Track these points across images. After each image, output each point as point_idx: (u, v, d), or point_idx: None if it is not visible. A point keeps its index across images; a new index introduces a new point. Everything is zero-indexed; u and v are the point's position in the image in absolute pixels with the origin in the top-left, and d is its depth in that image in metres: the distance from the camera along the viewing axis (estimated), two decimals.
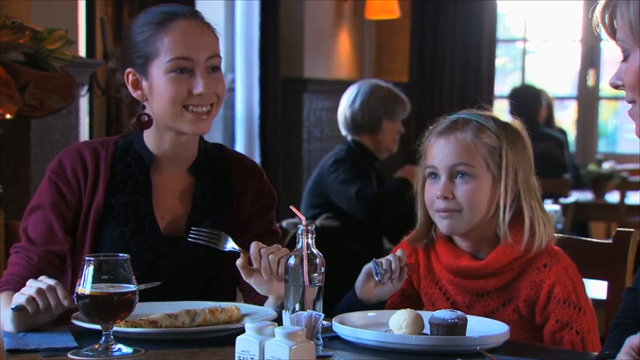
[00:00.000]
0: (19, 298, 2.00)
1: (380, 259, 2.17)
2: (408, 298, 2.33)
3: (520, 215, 2.24)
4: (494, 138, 2.23)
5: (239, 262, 2.15)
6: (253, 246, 2.12)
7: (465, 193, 2.21)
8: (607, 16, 1.75)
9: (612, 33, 1.75)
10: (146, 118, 2.27)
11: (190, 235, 2.21)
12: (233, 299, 2.36)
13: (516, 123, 2.30)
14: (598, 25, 1.77)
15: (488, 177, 2.22)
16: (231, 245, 2.19)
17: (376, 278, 2.15)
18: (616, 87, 1.74)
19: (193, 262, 2.28)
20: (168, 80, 2.22)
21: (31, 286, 2.01)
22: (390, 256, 2.16)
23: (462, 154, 2.22)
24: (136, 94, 2.27)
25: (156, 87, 2.24)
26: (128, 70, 2.27)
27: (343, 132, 4.41)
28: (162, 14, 2.27)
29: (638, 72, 1.69)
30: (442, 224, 2.24)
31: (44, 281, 2.02)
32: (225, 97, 2.32)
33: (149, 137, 2.31)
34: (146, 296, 2.11)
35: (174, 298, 2.20)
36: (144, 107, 2.28)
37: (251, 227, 2.35)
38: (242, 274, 2.16)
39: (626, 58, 1.73)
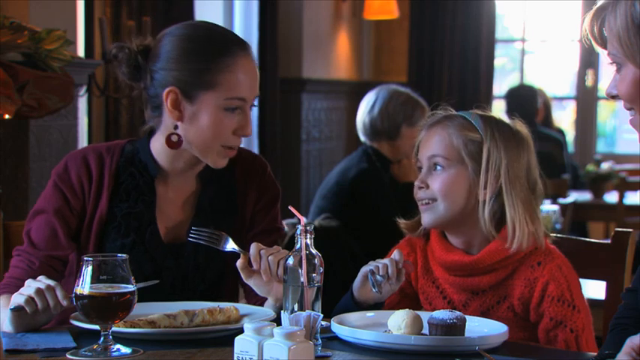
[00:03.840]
0: (18, 298, 2.00)
1: (377, 264, 2.16)
2: (406, 297, 2.34)
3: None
4: (476, 133, 2.26)
5: (239, 263, 2.15)
6: (253, 247, 2.12)
7: (437, 183, 2.26)
8: (596, 27, 1.76)
9: (602, 43, 1.77)
10: (176, 139, 2.24)
11: (191, 235, 2.21)
12: (235, 302, 2.36)
13: (517, 124, 2.31)
14: (588, 37, 1.78)
15: (464, 170, 2.25)
16: (231, 246, 2.19)
17: (374, 290, 2.15)
18: (613, 97, 1.77)
19: (195, 270, 2.29)
20: (219, 116, 2.21)
21: (30, 286, 2.01)
22: (386, 261, 2.16)
23: (438, 146, 2.27)
24: (172, 114, 2.22)
25: (202, 117, 2.21)
26: (171, 88, 2.21)
27: (362, 138, 4.39)
28: (223, 44, 2.23)
29: (632, 85, 1.72)
30: (422, 217, 2.29)
31: (43, 281, 2.01)
32: None
33: (162, 152, 2.29)
34: (147, 299, 2.12)
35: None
36: (176, 127, 2.24)
37: (255, 224, 2.36)
38: (242, 276, 2.16)
39: (619, 69, 1.74)
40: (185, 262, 2.28)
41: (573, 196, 6.09)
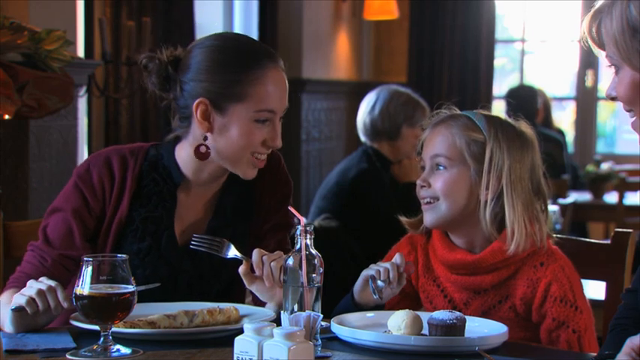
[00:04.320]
0: (19, 298, 2.00)
1: (378, 268, 2.16)
2: (407, 297, 2.34)
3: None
4: (480, 133, 2.26)
5: (241, 269, 2.16)
6: (255, 253, 2.13)
7: (439, 182, 2.26)
8: (594, 29, 1.76)
9: (601, 45, 1.78)
10: (205, 149, 2.24)
11: (192, 243, 2.22)
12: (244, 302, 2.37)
13: (522, 125, 2.32)
14: (586, 40, 1.79)
15: (466, 170, 2.25)
16: (233, 253, 2.20)
17: (374, 296, 2.15)
18: (612, 98, 1.78)
19: (211, 271, 2.29)
20: (249, 127, 2.21)
21: (32, 287, 2.01)
22: (387, 265, 2.16)
23: (441, 146, 2.27)
24: (202, 125, 2.22)
25: (233, 129, 2.21)
26: (201, 99, 2.21)
27: (362, 138, 4.39)
28: (253, 55, 2.24)
29: (630, 87, 1.73)
30: (424, 216, 2.29)
31: (44, 282, 2.02)
32: None
33: (188, 161, 2.28)
34: (163, 301, 2.15)
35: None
36: (206, 138, 2.24)
37: (269, 218, 2.37)
38: (244, 282, 2.17)
39: (617, 71, 1.75)
40: (201, 262, 2.28)
41: (573, 197, 6.09)
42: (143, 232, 2.26)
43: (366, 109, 4.37)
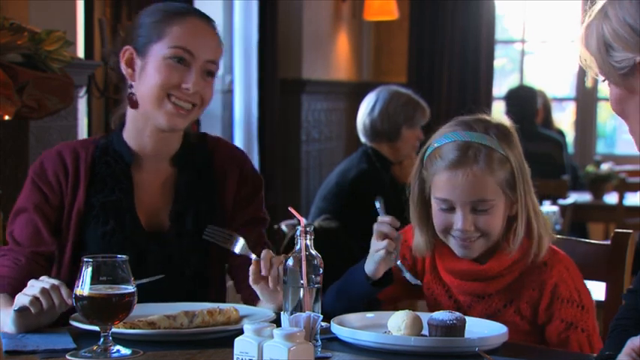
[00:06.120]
0: (22, 298, 2.00)
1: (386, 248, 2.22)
2: (412, 289, 2.33)
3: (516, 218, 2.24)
4: (503, 160, 2.19)
5: (252, 267, 2.14)
6: (264, 254, 2.12)
7: (486, 222, 2.19)
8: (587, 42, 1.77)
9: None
10: (135, 97, 2.28)
11: (206, 232, 2.22)
12: (223, 290, 2.38)
13: (501, 119, 2.29)
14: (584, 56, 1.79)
15: (504, 199, 2.21)
16: (243, 250, 2.19)
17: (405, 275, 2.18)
18: None
19: (179, 255, 2.29)
20: (163, 65, 2.23)
21: (34, 286, 2.01)
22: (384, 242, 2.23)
23: (481, 191, 2.18)
24: (126, 72, 2.28)
25: (149, 68, 2.25)
26: (127, 47, 2.28)
27: (362, 139, 4.39)
28: (179, 7, 2.29)
29: (616, 102, 1.75)
30: (460, 251, 2.23)
31: (47, 280, 2.02)
32: (223, 98, 2.33)
33: (129, 134, 2.33)
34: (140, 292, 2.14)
35: (166, 292, 2.20)
36: (131, 86, 2.29)
37: (237, 215, 2.37)
38: (250, 279, 2.15)
39: (609, 85, 1.77)
40: (168, 247, 2.28)
41: (573, 197, 6.09)
42: (105, 216, 2.28)
43: (365, 109, 4.38)
